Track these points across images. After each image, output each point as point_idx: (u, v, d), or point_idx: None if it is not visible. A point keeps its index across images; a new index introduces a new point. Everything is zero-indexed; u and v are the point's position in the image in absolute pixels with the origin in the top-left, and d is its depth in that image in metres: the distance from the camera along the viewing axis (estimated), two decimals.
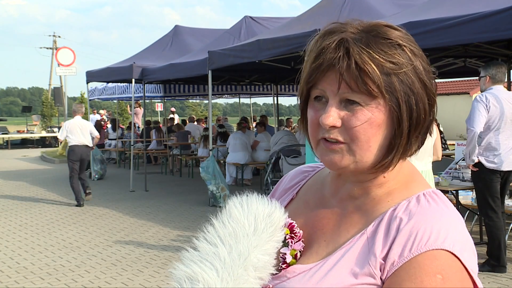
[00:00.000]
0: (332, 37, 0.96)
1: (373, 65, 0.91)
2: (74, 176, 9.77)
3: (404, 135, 0.95)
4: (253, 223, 0.98)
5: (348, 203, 1.03)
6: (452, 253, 0.88)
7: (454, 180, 6.33)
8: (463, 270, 0.89)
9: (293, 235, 1.03)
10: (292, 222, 1.05)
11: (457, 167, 6.47)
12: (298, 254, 1.02)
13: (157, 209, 9.32)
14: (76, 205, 9.73)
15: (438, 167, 6.07)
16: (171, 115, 22.85)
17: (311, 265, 0.98)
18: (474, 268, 0.91)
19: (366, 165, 0.96)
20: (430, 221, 0.91)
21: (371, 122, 0.93)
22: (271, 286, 1.00)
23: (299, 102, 1.05)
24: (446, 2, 6.20)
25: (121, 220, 8.38)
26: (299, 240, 1.02)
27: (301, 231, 1.03)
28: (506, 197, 5.71)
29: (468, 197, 6.60)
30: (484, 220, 5.46)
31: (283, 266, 1.01)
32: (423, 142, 1.01)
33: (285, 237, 1.03)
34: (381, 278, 0.91)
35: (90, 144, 10.05)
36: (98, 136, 10.55)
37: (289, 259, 1.01)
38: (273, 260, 0.97)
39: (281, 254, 1.02)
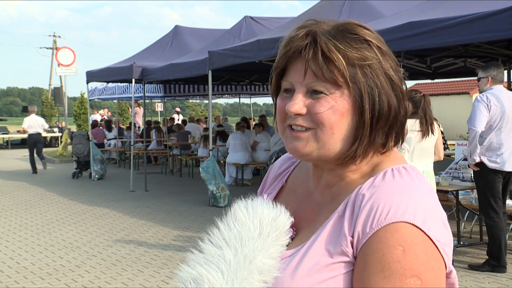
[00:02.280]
0: (303, 29, 1.00)
1: (339, 54, 0.95)
2: (31, 154, 14.77)
3: (367, 125, 0.96)
4: (258, 227, 0.99)
5: (327, 192, 1.05)
6: (413, 225, 0.88)
7: (454, 180, 6.33)
8: (427, 239, 0.89)
9: None
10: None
11: (457, 167, 6.47)
12: (290, 241, 1.03)
13: (157, 209, 9.32)
14: (32, 172, 14.68)
15: (438, 167, 6.06)
16: (175, 115, 22.80)
17: (292, 251, 0.99)
18: (440, 238, 0.90)
19: (330, 153, 0.98)
20: (390, 194, 0.92)
21: (335, 110, 0.96)
22: None
23: (271, 94, 1.08)
24: (446, 2, 6.20)
25: (121, 220, 8.38)
26: (289, 227, 1.04)
27: (292, 219, 1.04)
28: (508, 197, 5.70)
29: (468, 197, 6.59)
30: (485, 220, 5.46)
31: None
32: (399, 139, 1.02)
33: None
34: (353, 255, 0.93)
35: (42, 133, 15.27)
36: (47, 127, 16.81)
37: None
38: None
39: None
